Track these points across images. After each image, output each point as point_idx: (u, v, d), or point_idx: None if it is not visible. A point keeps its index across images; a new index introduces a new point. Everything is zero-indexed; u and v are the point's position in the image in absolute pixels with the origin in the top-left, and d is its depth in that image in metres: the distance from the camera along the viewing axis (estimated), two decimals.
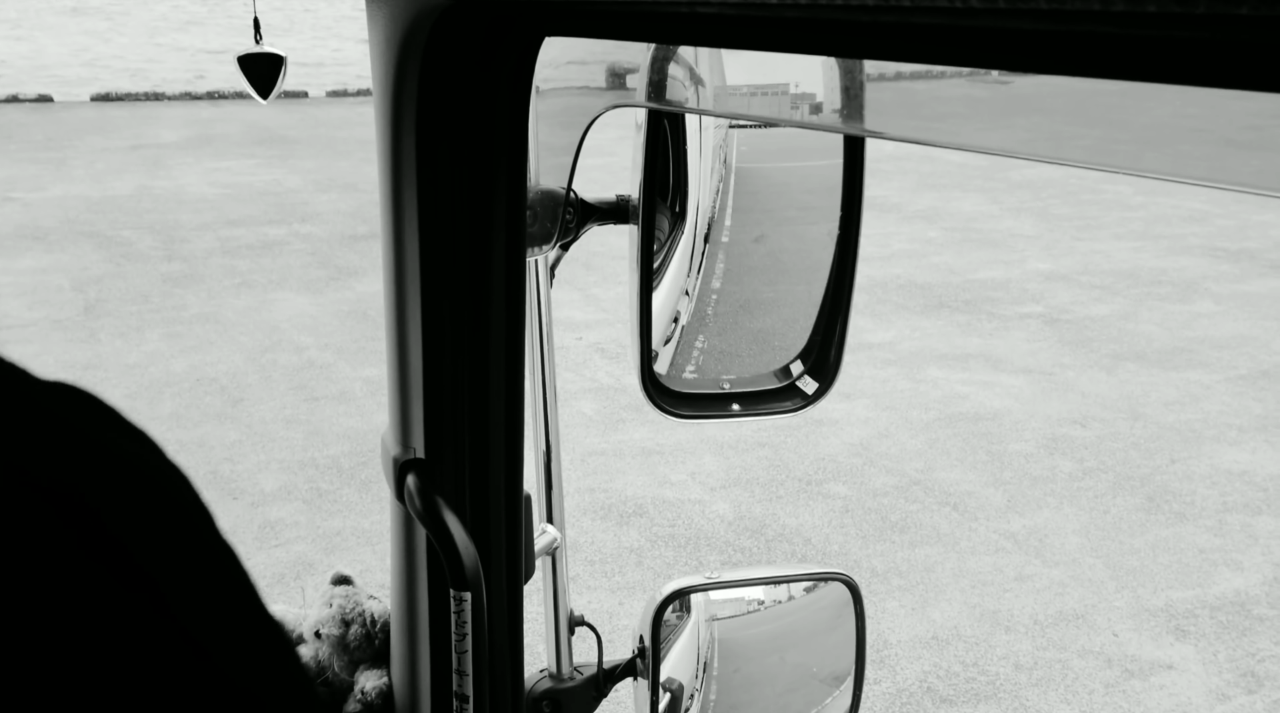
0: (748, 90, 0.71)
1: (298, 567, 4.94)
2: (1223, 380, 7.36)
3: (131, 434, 0.38)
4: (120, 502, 0.35)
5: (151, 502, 0.37)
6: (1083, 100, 0.40)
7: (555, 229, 0.99)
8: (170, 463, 0.39)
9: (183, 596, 0.36)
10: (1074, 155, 0.44)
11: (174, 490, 0.38)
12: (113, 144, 15.01)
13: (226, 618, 0.38)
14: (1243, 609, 4.79)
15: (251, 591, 0.39)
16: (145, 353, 7.50)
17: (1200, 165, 0.40)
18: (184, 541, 0.37)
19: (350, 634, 1.15)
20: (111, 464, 0.36)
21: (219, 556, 0.39)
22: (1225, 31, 0.32)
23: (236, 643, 0.38)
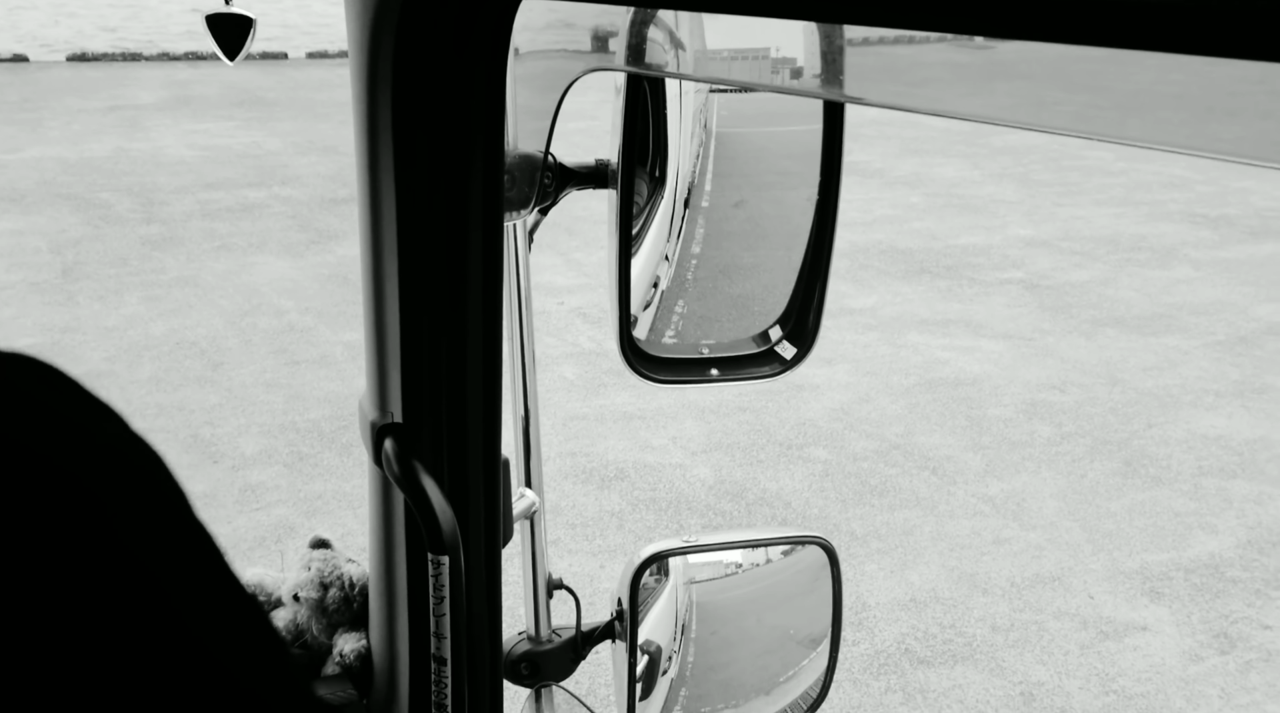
0: (728, 55, 0.71)
1: (279, 530, 4.95)
2: (1200, 346, 7.41)
3: (93, 406, 0.38)
4: (91, 475, 0.35)
5: (121, 474, 0.36)
6: (1065, 66, 0.40)
7: (533, 193, 0.99)
8: (135, 435, 0.38)
9: (159, 567, 0.36)
10: (1056, 122, 0.44)
11: (142, 463, 0.38)
12: (89, 105, 14.85)
13: (202, 590, 0.38)
14: (1216, 572, 4.84)
15: (223, 561, 0.39)
16: (124, 316, 7.45)
17: (1181, 132, 0.40)
18: (157, 513, 0.37)
19: (329, 598, 1.15)
20: (77, 437, 0.36)
21: (191, 527, 0.39)
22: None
23: (213, 614, 0.38)
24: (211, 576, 0.39)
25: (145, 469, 0.38)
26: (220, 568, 0.39)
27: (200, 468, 5.49)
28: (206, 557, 0.39)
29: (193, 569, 0.38)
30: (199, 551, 0.38)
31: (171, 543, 0.37)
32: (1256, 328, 7.75)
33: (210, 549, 0.39)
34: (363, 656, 1.13)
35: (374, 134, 0.88)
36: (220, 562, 0.39)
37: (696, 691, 1.24)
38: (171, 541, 0.37)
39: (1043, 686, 4.14)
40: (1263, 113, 0.36)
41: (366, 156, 0.90)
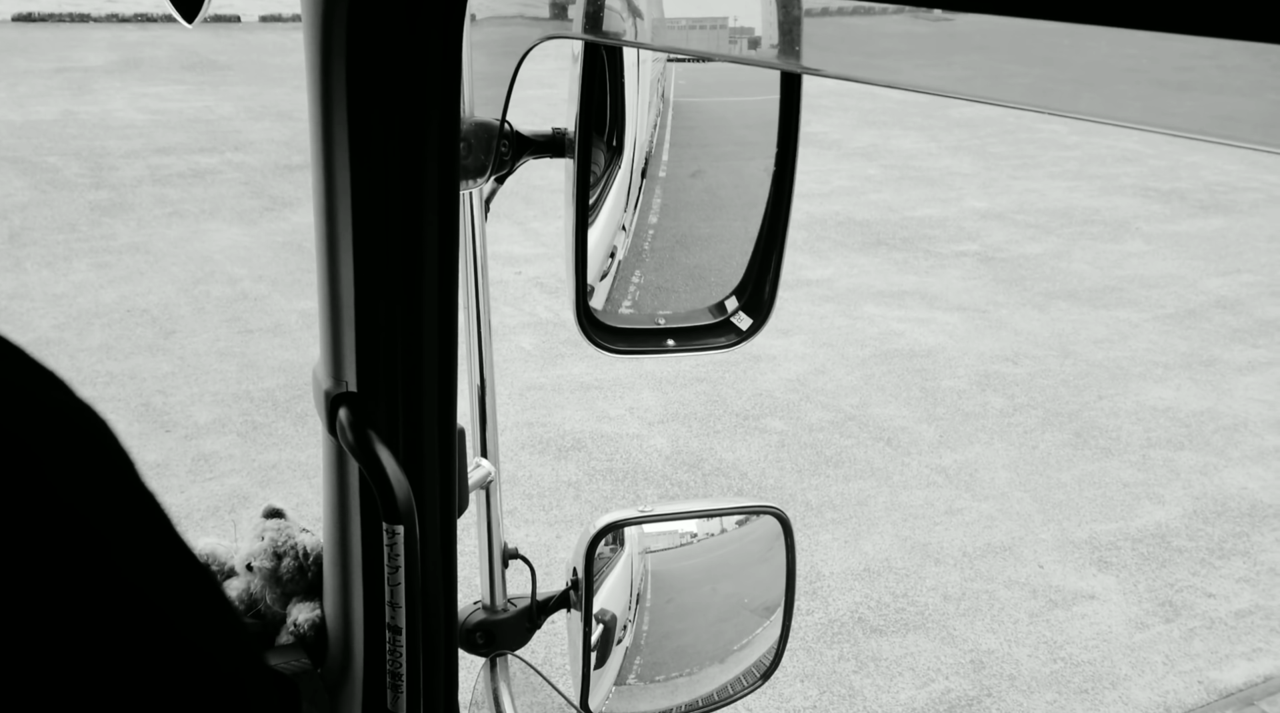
0: (686, 23, 0.70)
1: (232, 500, 4.91)
2: (1151, 319, 7.51)
3: (36, 372, 0.37)
4: (35, 440, 0.34)
5: (66, 440, 0.36)
6: (1022, 38, 0.40)
7: (490, 161, 0.98)
8: (80, 401, 0.38)
9: (106, 530, 0.35)
10: (1012, 95, 0.45)
11: (88, 429, 0.37)
12: (36, 67, 14.54)
13: (150, 554, 0.37)
14: (1163, 541, 4.93)
15: (171, 527, 0.39)
16: (73, 283, 7.34)
17: (1134, 107, 0.40)
18: (103, 478, 0.37)
19: (282, 567, 1.14)
20: (20, 402, 0.35)
21: (138, 492, 0.38)
22: None
23: (162, 577, 0.37)
24: (159, 540, 0.38)
25: (90, 435, 0.37)
26: (168, 533, 0.39)
27: (152, 437, 5.43)
28: (154, 522, 0.38)
29: (140, 534, 0.37)
30: (146, 516, 0.38)
31: (118, 508, 0.37)
32: (1205, 301, 7.87)
33: (158, 514, 0.39)
34: (317, 625, 1.13)
35: (328, 100, 0.86)
36: (168, 527, 0.39)
37: (651, 659, 1.25)
38: (118, 505, 0.37)
39: (993, 653, 4.21)
40: (1214, 88, 0.36)
41: (320, 123, 0.88)
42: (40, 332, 6.54)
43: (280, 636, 1.15)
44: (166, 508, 0.39)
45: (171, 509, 0.40)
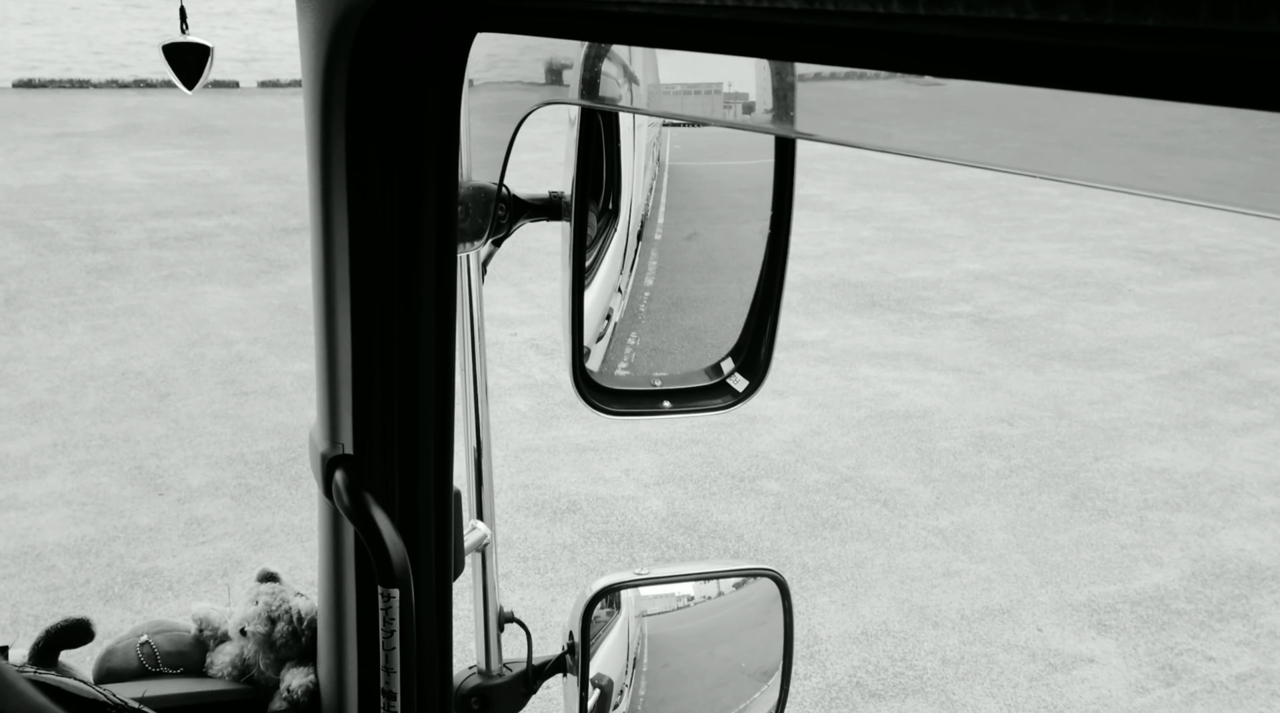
0: (681, 89, 0.71)
1: (225, 564, 4.87)
2: (1145, 380, 7.53)
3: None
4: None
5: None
6: (1011, 102, 0.41)
7: (487, 225, 0.99)
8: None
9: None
10: (1002, 159, 0.45)
11: None
12: (36, 132, 14.66)
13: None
14: (1162, 604, 4.90)
15: None
16: (69, 346, 7.34)
17: (1123, 171, 0.41)
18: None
19: (276, 632, 1.13)
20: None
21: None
22: (1134, 41, 0.33)
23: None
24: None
25: None
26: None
27: (145, 500, 5.40)
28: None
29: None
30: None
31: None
32: (1199, 362, 7.89)
33: None
34: (310, 691, 1.11)
35: (327, 164, 0.87)
36: None
37: None
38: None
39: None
40: (1201, 152, 0.37)
41: (319, 186, 0.89)
42: (34, 395, 6.53)
43: (274, 702, 1.14)
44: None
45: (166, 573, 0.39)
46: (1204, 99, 0.33)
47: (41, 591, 4.65)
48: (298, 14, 0.87)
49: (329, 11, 0.81)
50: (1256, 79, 0.32)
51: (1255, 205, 0.36)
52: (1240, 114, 0.33)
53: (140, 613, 4.50)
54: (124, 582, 4.74)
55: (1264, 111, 0.32)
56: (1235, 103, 0.33)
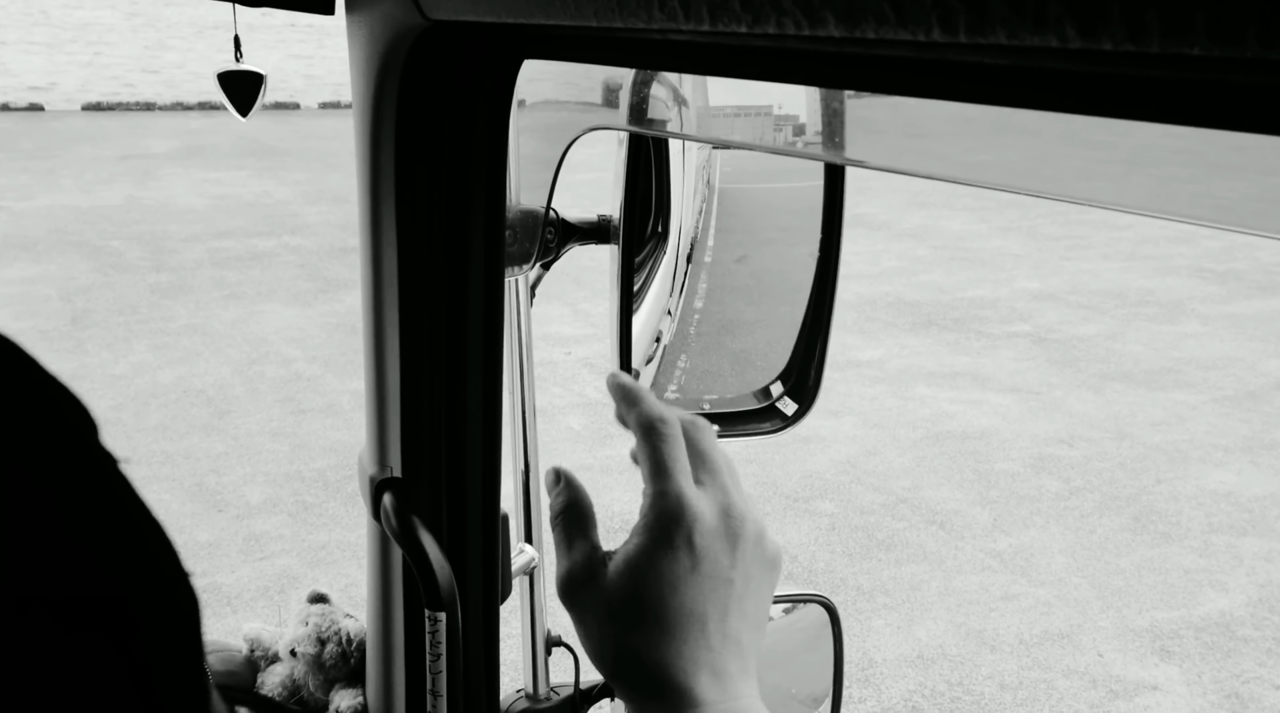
0: (729, 113, 0.71)
1: (282, 580, 4.92)
2: (1209, 401, 7.39)
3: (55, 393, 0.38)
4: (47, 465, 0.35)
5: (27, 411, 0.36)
6: (1069, 122, 0.40)
7: (535, 249, 0.99)
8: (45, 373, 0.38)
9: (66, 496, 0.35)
10: (1060, 186, 0.44)
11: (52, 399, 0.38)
12: (102, 154, 14.99)
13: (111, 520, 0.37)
14: (1227, 630, 4.79)
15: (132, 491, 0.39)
16: (132, 364, 7.47)
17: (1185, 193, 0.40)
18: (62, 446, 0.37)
19: (326, 653, 1.14)
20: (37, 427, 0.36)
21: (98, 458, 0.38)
22: (1180, 70, 0.32)
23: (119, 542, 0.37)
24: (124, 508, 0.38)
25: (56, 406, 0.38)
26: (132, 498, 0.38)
27: (205, 517, 5.47)
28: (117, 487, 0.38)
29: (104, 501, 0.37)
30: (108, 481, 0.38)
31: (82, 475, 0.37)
32: (1265, 383, 7.73)
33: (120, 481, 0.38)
34: (359, 712, 1.12)
35: (376, 187, 0.88)
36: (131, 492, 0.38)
37: None
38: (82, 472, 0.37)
39: None
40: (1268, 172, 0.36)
41: (369, 209, 0.90)
42: (99, 412, 6.62)
43: None
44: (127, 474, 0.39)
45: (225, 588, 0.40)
46: (1255, 128, 0.33)
47: None
48: (348, 39, 0.88)
49: (379, 38, 0.82)
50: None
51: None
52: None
53: None
54: None
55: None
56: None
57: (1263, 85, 0.31)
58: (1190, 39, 0.29)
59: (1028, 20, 0.33)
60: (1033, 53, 0.34)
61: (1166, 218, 0.42)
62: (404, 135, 0.84)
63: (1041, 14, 0.32)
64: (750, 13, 0.41)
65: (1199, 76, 0.32)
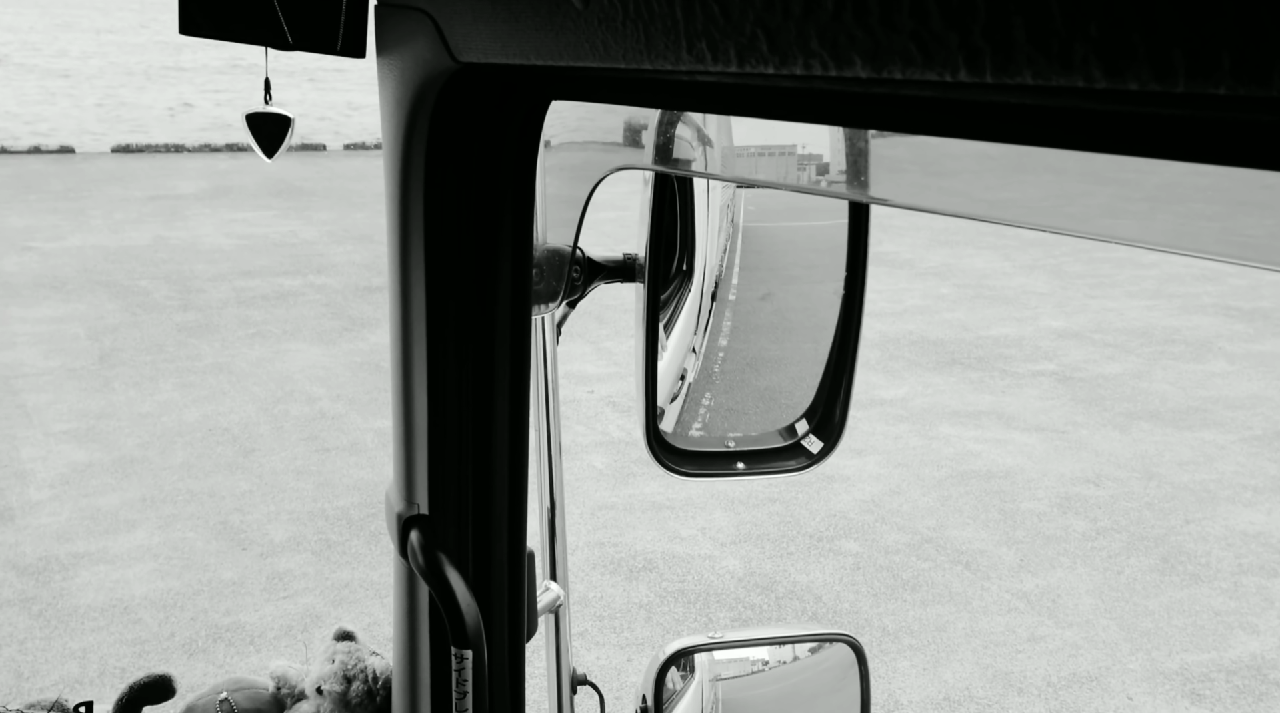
0: (754, 152, 0.72)
1: (305, 619, 4.92)
2: (1238, 440, 7.32)
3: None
4: None
5: None
6: (1092, 160, 0.41)
7: (561, 287, 1.00)
8: None
9: None
10: (1085, 224, 0.45)
11: None
12: (131, 194, 15.17)
13: None
14: (1259, 674, 4.72)
15: None
16: (158, 402, 7.52)
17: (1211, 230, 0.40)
18: None
19: (352, 691, 1.14)
20: None
21: None
22: (1206, 109, 0.32)
23: None
24: None
25: None
26: None
27: (229, 555, 5.49)
28: None
29: None
30: None
31: None
32: None
33: None
34: None
35: (405, 226, 0.89)
36: None
37: None
38: None
39: None
40: None
41: (398, 248, 0.91)
42: (125, 450, 6.69)
43: None
44: None
45: (249, 627, 0.40)
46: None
47: (128, 644, 4.73)
48: (379, 81, 0.90)
49: (409, 80, 0.83)
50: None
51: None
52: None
53: (223, 667, 4.55)
54: (207, 635, 4.80)
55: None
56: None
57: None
58: (1216, 79, 0.30)
59: (1054, 61, 0.33)
60: (1058, 93, 0.35)
61: (1192, 255, 0.42)
62: (433, 175, 0.85)
63: (1067, 55, 0.33)
64: (778, 54, 0.41)
65: (1225, 115, 0.32)
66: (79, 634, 4.79)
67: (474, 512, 0.95)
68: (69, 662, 4.60)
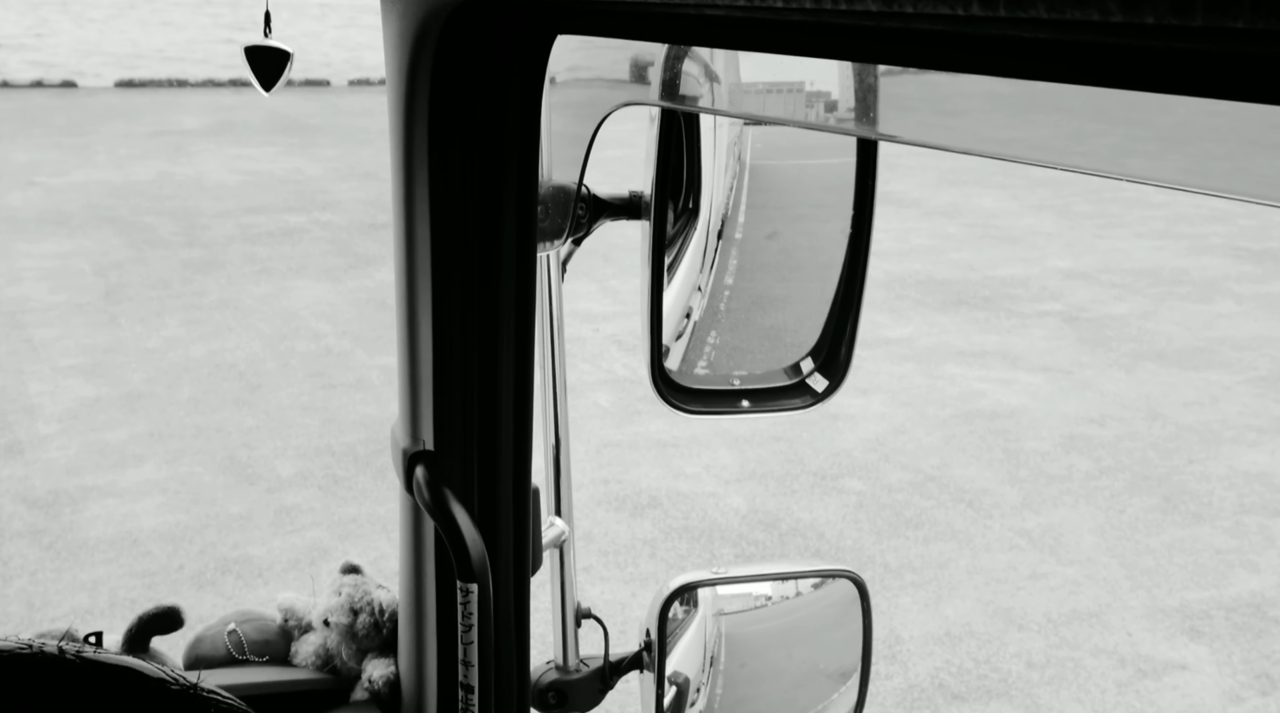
0: (762, 88, 0.71)
1: (313, 553, 4.97)
2: (1243, 381, 7.32)
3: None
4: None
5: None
6: (1104, 98, 0.40)
7: (567, 224, 0.99)
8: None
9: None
10: (1094, 161, 0.44)
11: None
12: (135, 130, 15.08)
13: None
14: (1258, 611, 4.76)
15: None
16: (165, 338, 7.54)
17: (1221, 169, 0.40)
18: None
19: (358, 623, 1.15)
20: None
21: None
22: (1224, 43, 0.32)
23: None
24: None
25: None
26: None
27: (237, 490, 5.53)
28: None
29: None
30: None
31: None
32: None
33: None
34: (391, 682, 1.13)
35: (410, 163, 0.89)
36: None
37: None
38: None
39: None
40: None
41: (402, 186, 0.91)
42: (132, 385, 6.72)
43: (355, 692, 1.16)
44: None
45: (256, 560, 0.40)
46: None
47: (137, 576, 4.79)
48: (382, 16, 0.89)
49: (413, 14, 0.82)
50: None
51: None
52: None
53: (231, 599, 4.61)
54: (216, 568, 4.85)
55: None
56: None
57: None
58: (1234, 12, 0.29)
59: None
60: (1073, 26, 0.34)
61: (1202, 193, 0.42)
62: (438, 112, 0.85)
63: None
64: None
65: (1242, 49, 0.32)
66: (89, 567, 4.85)
67: (479, 448, 0.96)
68: (79, 593, 4.66)
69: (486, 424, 0.95)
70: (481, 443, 0.95)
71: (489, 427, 0.95)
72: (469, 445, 0.95)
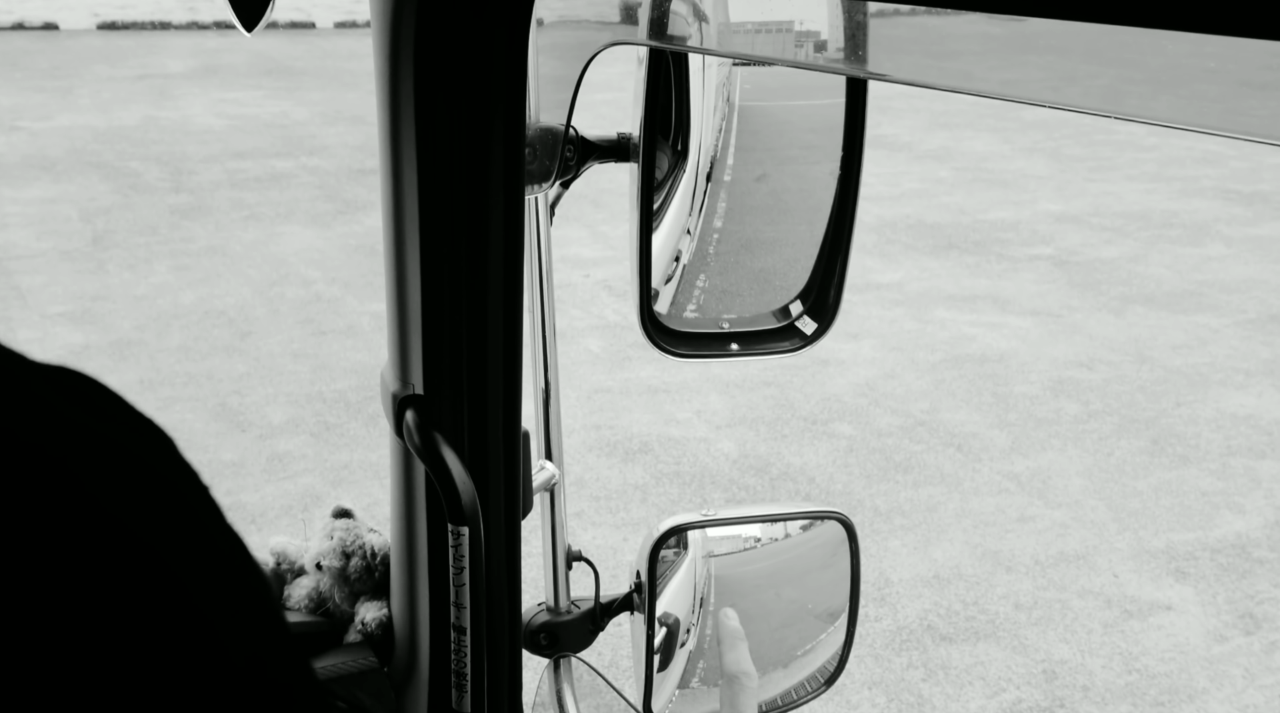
0: (751, 27, 0.71)
1: (305, 499, 4.99)
2: (1231, 324, 7.34)
3: (136, 426, 0.37)
4: (119, 491, 0.34)
5: (151, 491, 0.36)
6: (1099, 37, 0.40)
7: (554, 167, 0.99)
8: (177, 457, 0.38)
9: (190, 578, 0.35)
10: (1088, 100, 0.44)
11: (177, 482, 0.37)
12: (119, 73, 14.91)
13: (234, 605, 0.37)
14: (1243, 552, 4.82)
15: (262, 581, 0.38)
16: (153, 285, 7.51)
17: (1214, 110, 0.39)
18: (187, 528, 0.36)
19: (351, 567, 1.16)
20: (110, 455, 0.35)
21: (225, 543, 0.38)
22: None
23: (245, 630, 0.36)
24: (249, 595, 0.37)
25: (181, 490, 0.37)
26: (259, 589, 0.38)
27: (228, 436, 5.54)
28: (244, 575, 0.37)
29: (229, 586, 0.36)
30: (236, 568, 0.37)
31: (206, 558, 0.36)
32: None
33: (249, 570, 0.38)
34: (384, 624, 1.14)
35: (395, 105, 0.88)
36: (260, 582, 0.38)
37: (714, 663, 1.25)
38: (206, 555, 0.36)
39: (1065, 664, 4.14)
40: None
41: (388, 128, 0.90)
42: (121, 332, 6.70)
43: (348, 634, 1.17)
44: (258, 563, 0.39)
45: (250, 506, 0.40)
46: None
47: None
48: None
49: None
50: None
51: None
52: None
53: None
54: None
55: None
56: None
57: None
58: None
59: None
60: None
61: (1194, 130, 0.41)
62: (423, 54, 0.84)
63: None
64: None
65: None
66: None
67: (469, 391, 0.96)
68: None
69: (476, 368, 0.95)
70: (471, 386, 0.96)
71: (478, 370, 0.95)
72: (458, 389, 0.95)
